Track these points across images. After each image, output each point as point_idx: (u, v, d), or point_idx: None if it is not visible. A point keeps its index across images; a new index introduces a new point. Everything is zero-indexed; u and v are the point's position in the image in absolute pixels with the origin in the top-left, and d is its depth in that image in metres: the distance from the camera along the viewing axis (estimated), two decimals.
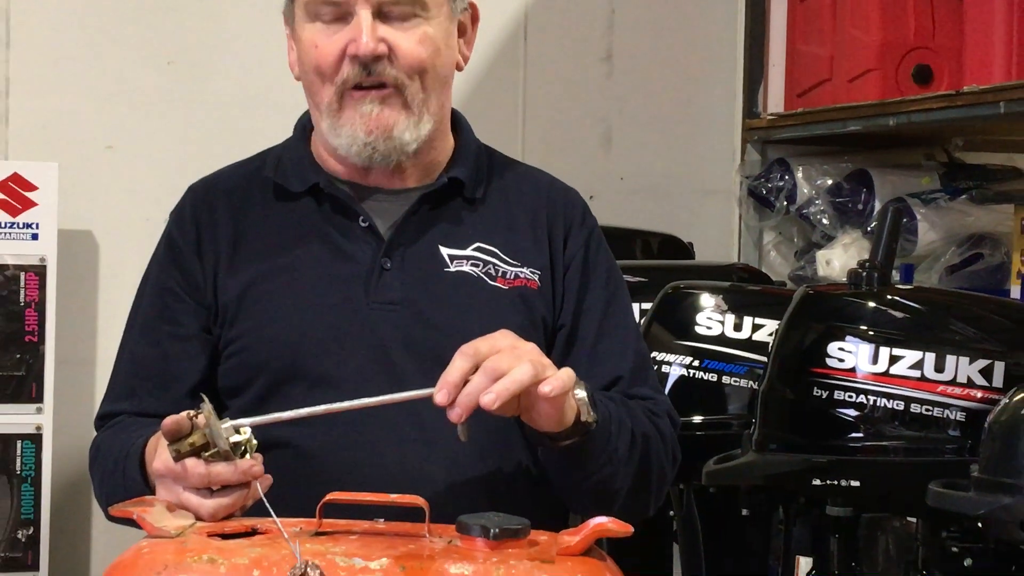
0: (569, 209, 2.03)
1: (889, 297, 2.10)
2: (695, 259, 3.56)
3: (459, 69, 2.00)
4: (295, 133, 2.04)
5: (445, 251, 1.95)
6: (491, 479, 1.88)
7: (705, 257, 3.68)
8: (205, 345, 1.95)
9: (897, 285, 2.19)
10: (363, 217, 1.95)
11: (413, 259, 1.93)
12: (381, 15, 1.89)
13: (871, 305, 2.09)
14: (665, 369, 2.43)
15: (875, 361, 2.04)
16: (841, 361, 2.06)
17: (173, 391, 1.91)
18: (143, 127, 3.47)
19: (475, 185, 2.00)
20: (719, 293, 2.48)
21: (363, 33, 1.87)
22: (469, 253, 1.95)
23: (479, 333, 1.70)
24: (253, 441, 1.63)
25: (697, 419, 2.41)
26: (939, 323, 2.09)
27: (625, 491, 1.86)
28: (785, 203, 3.55)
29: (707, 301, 2.47)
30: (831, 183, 3.48)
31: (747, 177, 3.69)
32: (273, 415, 1.68)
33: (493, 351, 1.66)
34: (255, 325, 1.92)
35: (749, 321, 2.44)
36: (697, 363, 2.43)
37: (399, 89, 1.90)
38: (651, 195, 3.82)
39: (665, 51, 3.84)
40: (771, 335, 2.30)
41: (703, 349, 2.43)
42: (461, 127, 2.05)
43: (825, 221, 3.44)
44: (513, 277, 1.95)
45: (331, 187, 1.96)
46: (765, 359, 2.21)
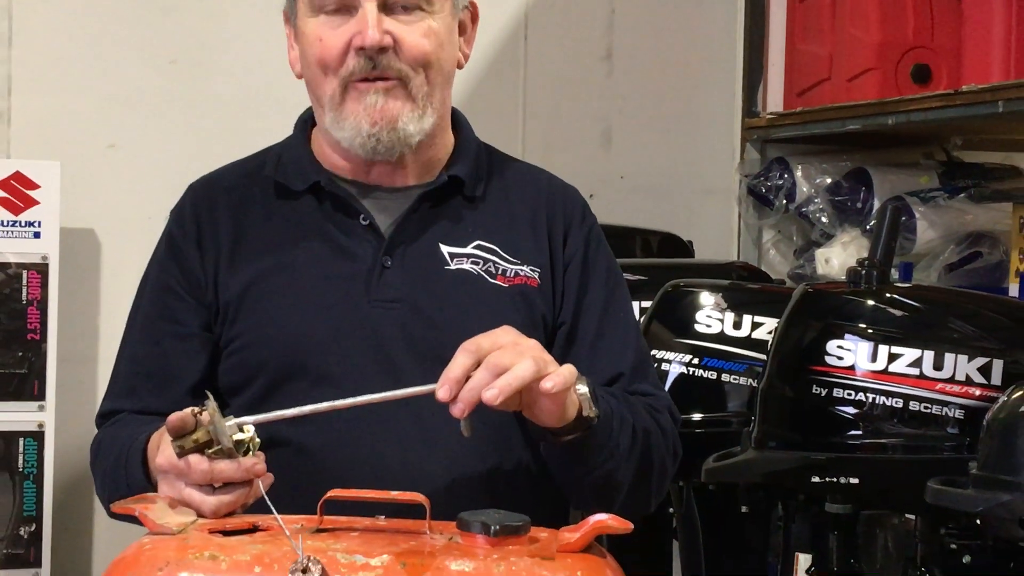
0: (568, 207, 2.04)
1: (888, 295, 2.10)
2: (695, 257, 3.55)
3: (459, 67, 2.00)
4: (295, 131, 2.04)
5: (445, 249, 1.95)
6: (491, 476, 1.88)
7: (705, 255, 3.67)
8: (205, 344, 1.95)
9: (896, 283, 2.19)
10: (364, 215, 1.95)
11: (414, 257, 1.94)
12: (385, 8, 1.89)
13: (870, 303, 2.09)
14: (665, 367, 2.43)
15: (874, 359, 2.04)
16: (840, 359, 2.06)
17: (173, 390, 1.91)
18: (145, 126, 3.47)
19: (475, 183, 2.00)
20: (719, 291, 2.49)
21: (369, 25, 1.87)
22: (469, 251, 1.96)
23: (479, 331, 1.70)
24: (256, 439, 1.63)
25: (697, 417, 2.41)
26: (938, 321, 2.09)
27: (626, 486, 1.87)
28: (784, 202, 3.55)
29: (707, 299, 2.47)
30: (830, 182, 3.48)
31: (746, 176, 3.69)
32: (276, 413, 1.68)
33: (495, 347, 1.66)
34: (256, 323, 1.92)
35: (748, 319, 2.44)
36: (697, 361, 2.43)
37: (403, 82, 1.90)
38: (651, 194, 3.82)
39: (665, 50, 3.84)
40: (770, 333, 2.29)
41: (703, 347, 2.43)
42: (461, 125, 2.05)
43: (824, 220, 3.44)
44: (513, 275, 1.96)
45: (332, 185, 1.96)
46: (764, 357, 2.21)
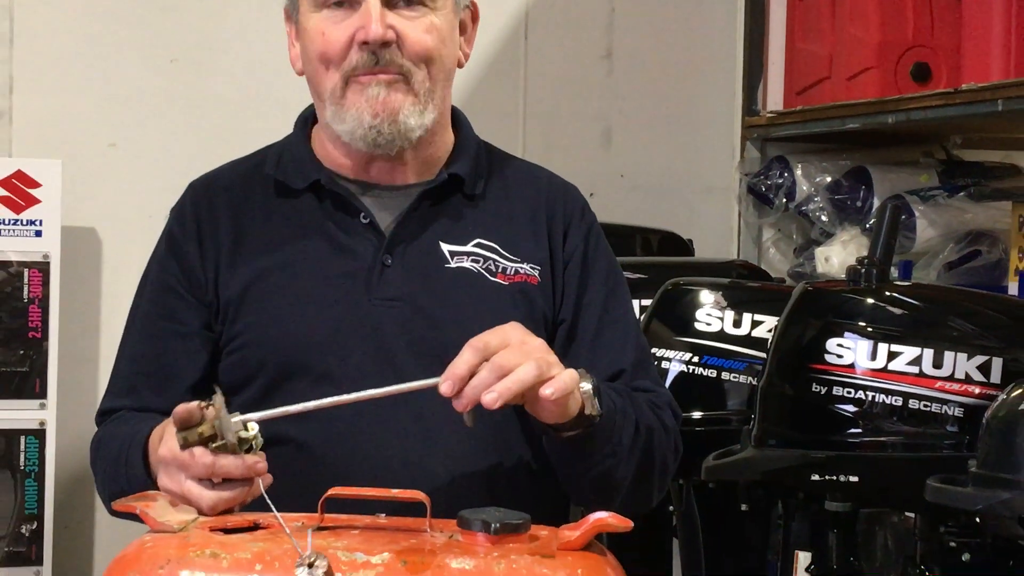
0: (568, 205, 2.04)
1: (888, 294, 2.10)
2: (695, 256, 3.55)
3: (459, 67, 2.01)
4: (296, 129, 2.04)
5: (445, 247, 1.95)
6: (491, 474, 1.88)
7: (705, 254, 3.67)
8: (205, 342, 1.95)
9: (895, 282, 2.19)
10: (364, 213, 1.95)
11: (414, 255, 1.94)
12: (388, 3, 1.89)
13: (870, 302, 2.09)
14: (665, 365, 2.43)
15: (874, 357, 2.04)
16: (840, 357, 2.05)
17: (173, 388, 1.91)
18: (146, 125, 3.47)
19: (475, 181, 2.00)
20: (718, 290, 2.49)
21: (373, 19, 1.87)
22: (469, 249, 1.96)
23: (480, 329, 1.71)
24: (260, 439, 1.64)
25: (696, 415, 2.41)
26: (937, 319, 2.08)
27: (627, 483, 1.87)
28: (784, 200, 3.55)
29: (706, 298, 2.47)
30: (830, 180, 3.48)
31: (746, 174, 3.69)
32: (281, 409, 1.68)
33: (502, 346, 1.67)
34: (257, 322, 1.92)
35: (748, 317, 2.43)
36: (696, 359, 2.43)
37: (406, 77, 1.90)
38: (651, 192, 3.82)
39: (665, 49, 3.84)
40: (770, 331, 2.29)
41: (702, 345, 2.43)
42: (460, 123, 2.05)
43: (824, 218, 3.44)
44: (513, 273, 1.96)
45: (332, 183, 1.97)
46: (764, 355, 2.20)
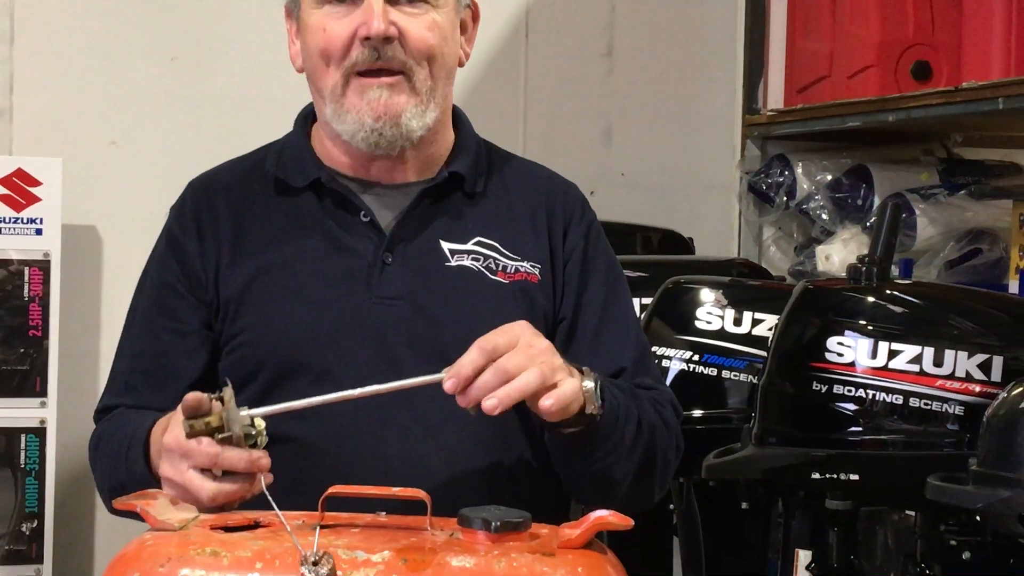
0: (568, 203, 2.04)
1: (888, 292, 2.10)
2: (695, 254, 3.55)
3: (460, 66, 2.01)
4: (296, 127, 2.05)
5: (446, 246, 1.96)
6: (492, 473, 1.89)
7: (705, 252, 3.67)
8: (205, 341, 1.95)
9: (896, 280, 2.18)
10: (364, 212, 1.95)
11: (414, 254, 1.94)
12: (391, 0, 1.90)
13: (870, 300, 2.09)
14: (665, 363, 2.43)
15: (874, 355, 2.04)
16: (840, 355, 2.05)
17: (172, 387, 1.91)
18: (147, 123, 3.47)
19: (475, 179, 2.01)
20: (719, 288, 2.49)
21: (375, 15, 1.87)
22: (469, 247, 1.96)
23: (480, 327, 1.71)
24: (265, 436, 1.64)
25: (697, 413, 2.41)
26: (938, 318, 2.08)
27: (628, 480, 1.88)
28: (785, 199, 3.54)
29: (707, 296, 2.47)
30: (830, 179, 3.48)
31: (747, 173, 3.68)
32: (285, 404, 1.69)
33: (509, 347, 1.67)
34: (257, 320, 1.93)
35: (749, 316, 2.43)
36: (697, 358, 2.43)
37: (407, 75, 1.90)
38: (651, 191, 3.82)
39: (665, 47, 3.84)
40: (771, 330, 2.29)
41: (703, 344, 2.43)
42: (461, 122, 2.06)
43: (824, 216, 3.44)
44: (513, 271, 1.96)
45: (332, 182, 1.97)
46: (765, 354, 2.20)
